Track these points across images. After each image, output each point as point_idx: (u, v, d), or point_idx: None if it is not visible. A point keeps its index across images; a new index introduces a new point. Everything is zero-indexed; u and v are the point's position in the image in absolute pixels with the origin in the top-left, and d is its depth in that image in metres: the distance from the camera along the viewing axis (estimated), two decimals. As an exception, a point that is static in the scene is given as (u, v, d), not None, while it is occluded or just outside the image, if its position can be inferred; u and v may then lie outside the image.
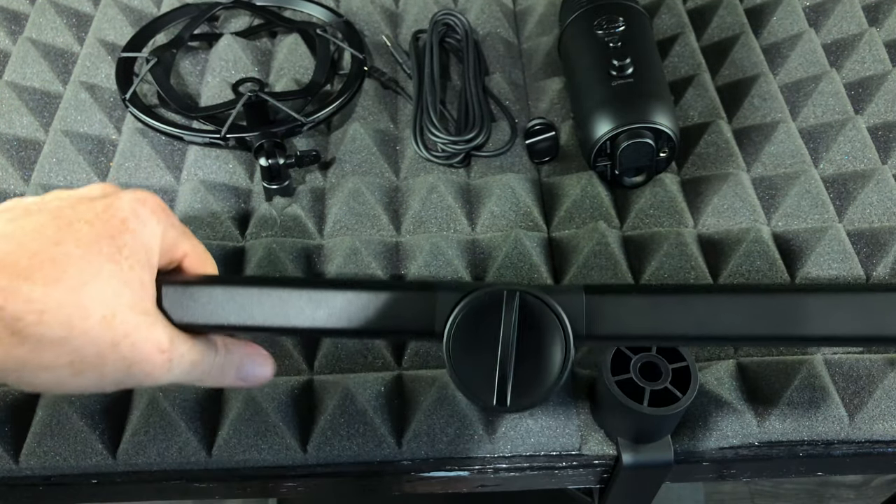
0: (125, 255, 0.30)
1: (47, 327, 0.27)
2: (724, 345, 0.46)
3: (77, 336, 0.28)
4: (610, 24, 0.54)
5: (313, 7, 0.65)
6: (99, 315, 0.28)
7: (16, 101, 0.56)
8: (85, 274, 0.28)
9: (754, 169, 0.55)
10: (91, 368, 0.29)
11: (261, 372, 0.35)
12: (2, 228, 0.29)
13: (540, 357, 0.31)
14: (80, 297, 0.28)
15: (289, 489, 0.44)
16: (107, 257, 0.29)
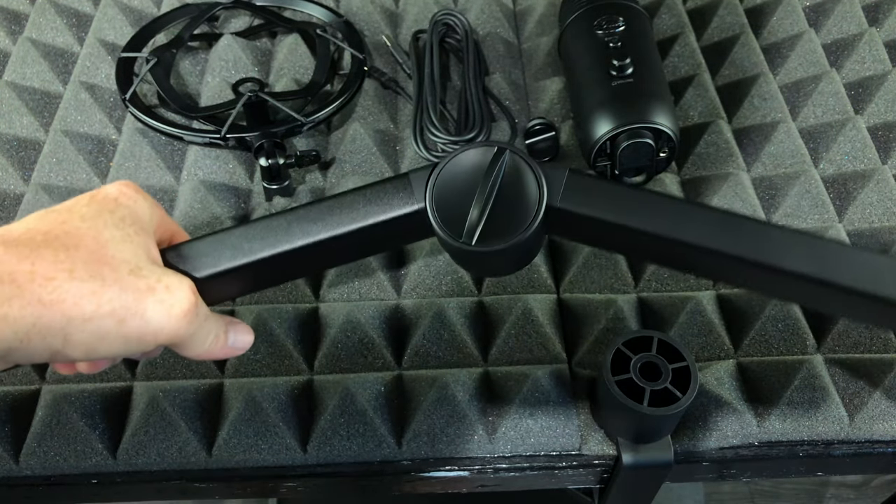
0: (128, 224, 0.32)
1: (80, 281, 0.28)
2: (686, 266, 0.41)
3: (111, 285, 0.29)
4: (610, 24, 0.54)
5: (313, 7, 0.65)
6: (126, 268, 0.30)
7: (16, 101, 0.56)
8: (100, 239, 0.30)
9: (754, 169, 0.55)
10: (133, 315, 0.29)
11: (245, 338, 0.37)
12: (8, 227, 0.31)
13: (513, 209, 0.33)
14: (103, 255, 0.30)
15: (289, 489, 0.44)
16: (113, 226, 0.31)
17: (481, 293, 0.49)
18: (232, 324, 0.36)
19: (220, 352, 0.35)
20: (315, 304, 0.49)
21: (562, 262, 0.51)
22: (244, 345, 0.37)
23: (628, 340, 0.40)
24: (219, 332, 0.34)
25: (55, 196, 0.51)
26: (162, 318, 0.30)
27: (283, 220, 0.35)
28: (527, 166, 0.33)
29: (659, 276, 0.49)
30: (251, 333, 0.37)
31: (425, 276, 0.49)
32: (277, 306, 0.47)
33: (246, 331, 0.37)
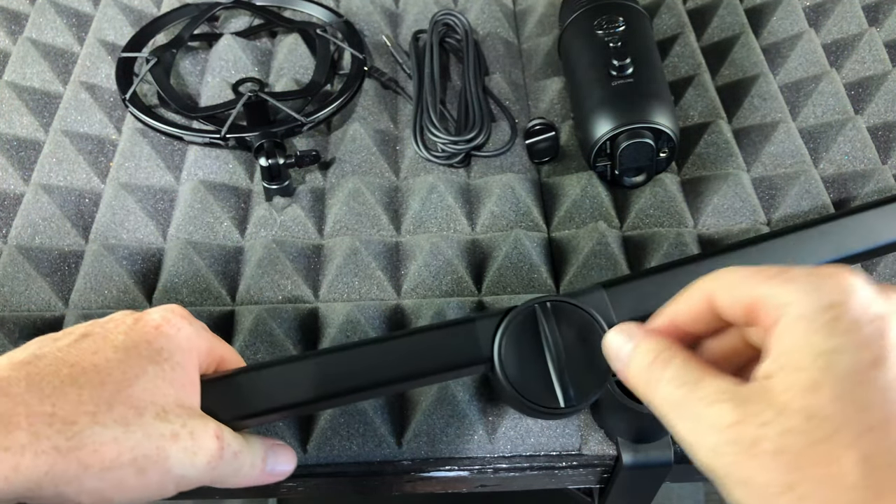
0: (165, 357, 0.30)
1: (102, 426, 0.27)
2: None
3: (134, 431, 0.28)
4: (610, 24, 0.54)
5: (313, 7, 0.65)
6: (152, 411, 0.28)
7: (16, 101, 0.56)
8: (129, 375, 0.29)
9: (754, 169, 0.55)
10: (154, 465, 0.28)
11: (286, 466, 0.36)
12: (34, 351, 0.29)
13: (585, 353, 0.33)
14: (129, 395, 0.28)
15: (289, 489, 0.44)
16: (147, 359, 0.30)
17: (481, 293, 0.49)
18: (273, 449, 0.35)
19: (258, 480, 0.34)
20: (315, 304, 0.49)
21: (562, 262, 0.51)
22: (284, 472, 0.35)
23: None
24: (255, 462, 0.33)
25: (55, 196, 0.51)
26: (185, 468, 0.29)
27: (336, 363, 0.34)
28: (574, 308, 0.34)
29: (659, 276, 0.49)
30: (293, 459, 0.36)
31: (425, 276, 0.49)
32: (277, 306, 0.47)
33: (287, 458, 0.35)
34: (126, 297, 0.48)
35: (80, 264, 0.49)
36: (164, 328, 0.32)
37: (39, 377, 0.27)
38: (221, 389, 0.33)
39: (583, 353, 0.33)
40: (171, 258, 0.49)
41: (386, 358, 0.34)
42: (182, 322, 0.32)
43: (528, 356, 0.33)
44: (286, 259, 0.49)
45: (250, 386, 0.34)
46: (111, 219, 0.51)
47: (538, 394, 0.33)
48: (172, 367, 0.30)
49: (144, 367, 0.29)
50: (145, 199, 0.53)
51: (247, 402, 0.33)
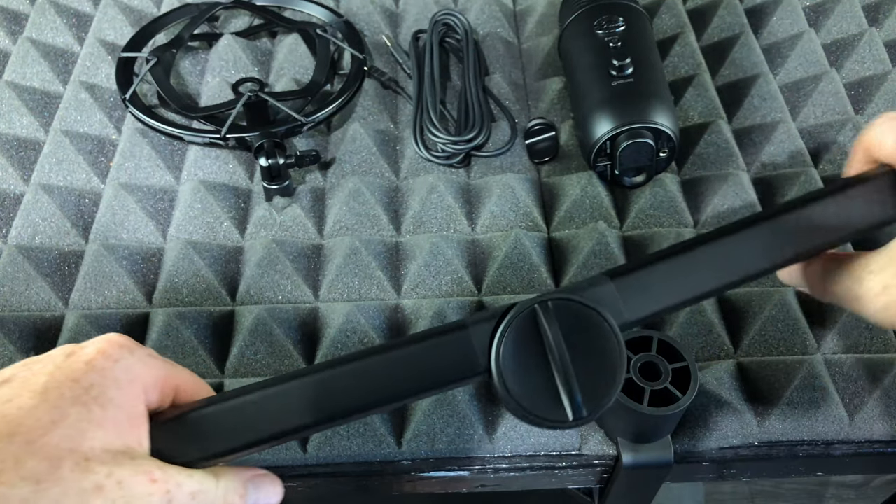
0: (93, 395, 0.27)
1: (9, 487, 0.24)
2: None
3: (47, 489, 0.24)
4: (610, 24, 0.54)
5: (313, 7, 0.65)
6: (70, 462, 0.25)
7: (16, 101, 0.56)
8: (43, 421, 0.25)
9: (754, 169, 0.55)
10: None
11: (271, 499, 0.32)
12: None
13: (594, 357, 0.30)
14: (43, 445, 0.25)
15: (289, 489, 0.44)
16: (70, 401, 0.26)
17: (481, 293, 0.49)
18: (253, 481, 0.31)
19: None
20: (315, 304, 0.49)
21: (562, 262, 0.51)
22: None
23: (628, 340, 0.40)
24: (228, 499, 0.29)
25: (55, 196, 0.51)
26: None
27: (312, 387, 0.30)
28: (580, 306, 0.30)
29: (659, 276, 0.49)
30: (278, 490, 0.32)
31: (425, 276, 0.49)
32: (277, 306, 0.48)
33: (272, 490, 0.32)
34: (126, 297, 0.48)
35: (80, 264, 0.49)
36: (97, 362, 0.28)
37: None
38: (175, 427, 0.29)
39: (592, 357, 0.29)
40: (171, 258, 0.49)
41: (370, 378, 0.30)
42: (120, 352, 0.29)
43: (531, 363, 0.29)
44: (286, 259, 0.49)
45: (211, 421, 0.29)
46: (111, 219, 0.51)
47: (544, 406, 0.29)
48: (103, 407, 0.27)
49: (65, 411, 0.26)
50: (145, 199, 0.53)
51: (207, 441, 0.29)
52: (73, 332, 0.45)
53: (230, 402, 0.30)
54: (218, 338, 0.47)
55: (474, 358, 0.30)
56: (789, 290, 0.48)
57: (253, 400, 0.30)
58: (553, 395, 0.29)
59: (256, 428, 0.29)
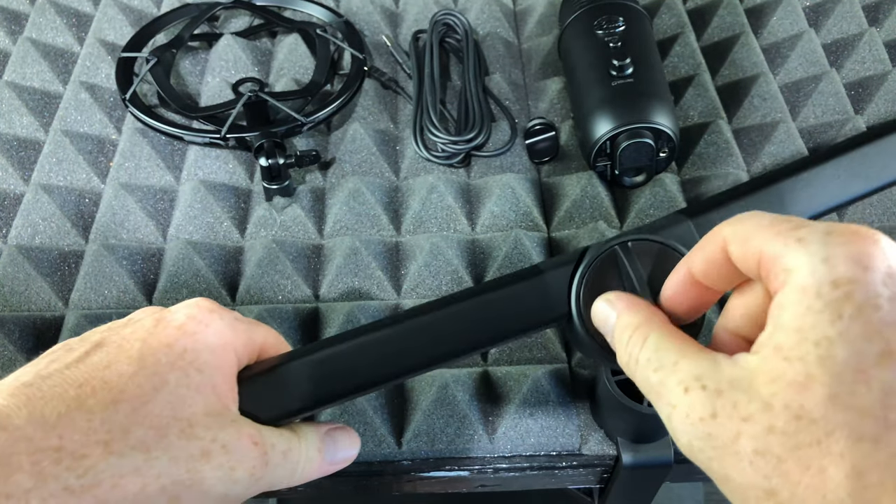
0: (189, 360, 0.27)
1: (119, 456, 0.24)
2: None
3: (158, 457, 0.24)
4: (610, 24, 0.54)
5: (313, 7, 0.65)
6: (176, 429, 0.25)
7: (16, 101, 0.56)
8: (146, 389, 0.25)
9: (754, 169, 0.55)
10: (187, 490, 0.25)
11: (349, 452, 0.33)
12: (39, 370, 0.26)
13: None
14: (147, 413, 0.25)
15: (289, 489, 0.44)
16: (168, 366, 0.26)
17: (481, 293, 0.49)
18: (329, 435, 0.31)
19: (319, 472, 0.31)
20: (315, 304, 0.49)
21: (562, 262, 0.51)
22: (348, 458, 0.32)
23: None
24: (310, 455, 0.30)
25: (55, 196, 0.51)
26: (225, 486, 0.26)
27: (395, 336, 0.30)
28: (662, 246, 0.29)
29: (659, 276, 0.49)
30: (355, 441, 0.33)
31: (425, 276, 0.49)
32: (277, 306, 0.48)
33: (348, 442, 0.32)
34: (126, 297, 0.48)
35: (80, 264, 0.49)
36: (189, 326, 0.28)
37: (43, 403, 0.24)
38: (260, 386, 0.29)
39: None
40: (171, 258, 0.49)
41: (452, 326, 0.30)
42: (210, 317, 0.29)
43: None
44: (286, 259, 0.49)
45: (294, 377, 0.29)
46: (111, 219, 0.51)
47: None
48: (199, 370, 0.27)
49: (164, 377, 0.26)
50: (145, 199, 0.53)
51: (292, 397, 0.29)
52: (73, 332, 0.45)
53: (313, 356, 0.30)
54: (218, 338, 0.47)
55: (553, 302, 0.30)
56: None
57: (335, 353, 0.30)
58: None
59: (341, 381, 0.29)
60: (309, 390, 0.30)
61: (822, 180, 0.30)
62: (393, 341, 0.30)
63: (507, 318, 0.30)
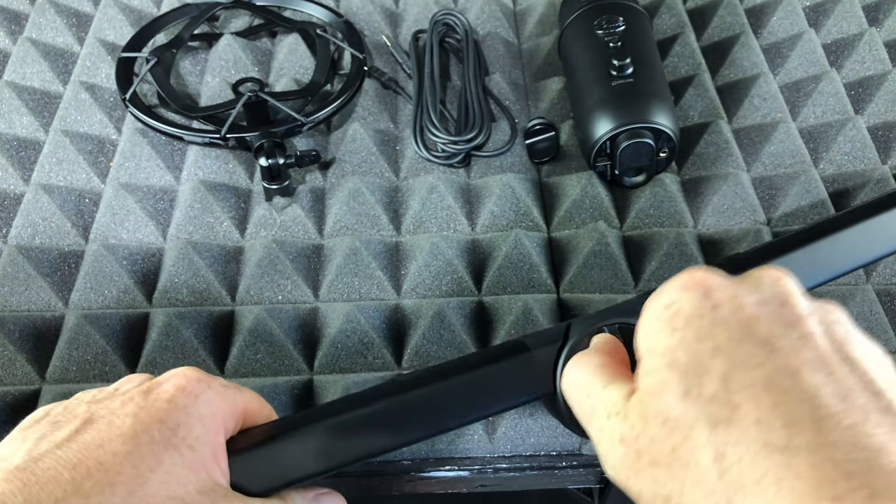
0: (181, 437, 0.27)
1: None
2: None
3: None
4: (610, 24, 0.54)
5: (313, 7, 0.65)
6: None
7: (16, 101, 0.56)
8: (142, 469, 0.25)
9: (754, 169, 0.55)
10: None
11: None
12: (30, 450, 0.25)
13: None
14: (142, 497, 0.25)
15: (289, 489, 0.44)
16: (162, 445, 0.26)
17: (481, 293, 0.49)
18: (318, 500, 0.32)
19: None
20: (315, 304, 0.49)
21: (562, 262, 0.51)
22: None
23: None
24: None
25: (55, 196, 0.51)
26: None
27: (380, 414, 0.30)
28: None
29: (659, 276, 0.49)
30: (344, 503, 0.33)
31: (425, 276, 0.49)
32: (277, 306, 0.48)
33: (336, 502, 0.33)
34: (126, 297, 0.48)
35: (80, 264, 0.49)
36: (179, 399, 0.27)
37: (38, 488, 0.23)
38: (249, 460, 0.29)
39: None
40: (171, 258, 0.49)
41: (439, 403, 0.31)
42: (199, 387, 0.28)
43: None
44: (286, 259, 0.49)
45: (283, 452, 0.30)
46: (111, 219, 0.51)
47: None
48: (191, 448, 0.27)
49: (159, 457, 0.26)
50: (145, 199, 0.53)
51: (280, 471, 0.30)
52: (73, 332, 0.45)
53: (301, 431, 0.30)
54: (218, 338, 0.47)
55: (539, 379, 0.31)
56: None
57: (323, 427, 0.30)
58: None
59: (328, 456, 0.30)
60: (297, 464, 0.30)
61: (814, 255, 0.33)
62: (380, 416, 0.31)
63: (497, 395, 0.31)
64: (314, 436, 0.30)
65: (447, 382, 0.31)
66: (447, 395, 0.31)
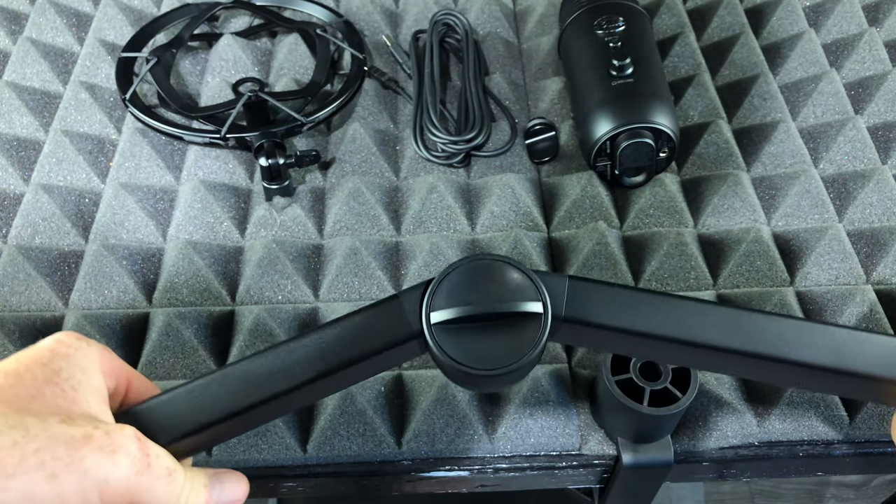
0: (64, 378, 0.28)
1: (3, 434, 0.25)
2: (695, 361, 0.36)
3: (37, 435, 0.25)
4: (610, 24, 0.54)
5: (313, 7, 0.65)
6: (56, 418, 0.26)
7: (16, 101, 0.56)
8: (22, 397, 0.26)
9: (754, 169, 0.55)
10: (66, 468, 0.25)
11: (236, 491, 0.32)
12: None
13: (517, 326, 0.31)
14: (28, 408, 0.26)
15: (289, 489, 0.44)
16: (43, 381, 0.27)
17: (481, 293, 0.49)
18: (218, 476, 0.32)
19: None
20: (315, 304, 0.49)
21: (562, 262, 0.51)
22: (235, 498, 0.32)
23: None
24: (196, 487, 0.30)
25: (55, 196, 0.51)
26: (105, 470, 0.25)
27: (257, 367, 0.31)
28: (526, 278, 0.31)
29: (659, 276, 0.49)
30: (244, 483, 0.33)
31: (425, 276, 0.49)
32: (277, 306, 0.47)
33: (236, 484, 0.32)
34: (126, 297, 0.48)
35: (80, 264, 0.49)
36: (60, 349, 0.29)
37: None
38: (137, 417, 0.30)
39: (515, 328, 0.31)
40: (171, 258, 0.49)
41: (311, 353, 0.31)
42: (80, 342, 0.30)
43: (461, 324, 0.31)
44: (286, 259, 0.49)
45: (167, 410, 0.30)
46: (111, 219, 0.51)
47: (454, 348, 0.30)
48: (74, 389, 0.27)
49: (41, 390, 0.26)
50: (145, 199, 0.53)
51: (164, 428, 0.30)
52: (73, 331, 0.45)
53: (183, 388, 0.31)
54: (218, 338, 0.47)
55: (407, 323, 0.31)
56: (789, 290, 0.48)
57: (202, 384, 0.31)
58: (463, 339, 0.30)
59: (209, 410, 0.30)
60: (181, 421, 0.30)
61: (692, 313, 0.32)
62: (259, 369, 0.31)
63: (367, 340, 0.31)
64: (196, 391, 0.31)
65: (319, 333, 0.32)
66: (318, 344, 0.32)
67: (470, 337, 0.31)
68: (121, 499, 0.26)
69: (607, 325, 0.32)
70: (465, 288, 0.31)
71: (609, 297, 0.32)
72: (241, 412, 0.31)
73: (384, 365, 0.33)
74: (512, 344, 0.31)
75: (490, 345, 0.31)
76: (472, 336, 0.31)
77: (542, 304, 0.31)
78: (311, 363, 0.31)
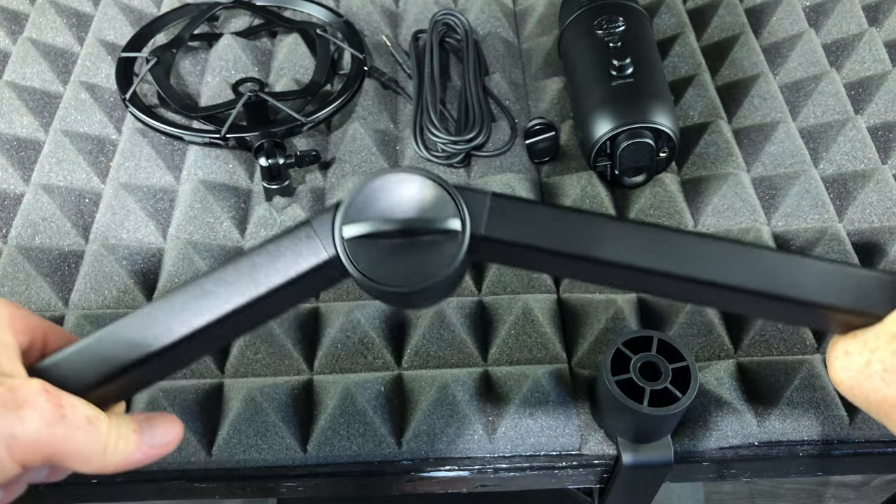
0: None
1: None
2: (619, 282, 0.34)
3: None
4: (610, 24, 0.54)
5: (313, 7, 0.65)
6: None
7: (16, 101, 0.56)
8: None
9: (754, 169, 0.55)
10: None
11: (169, 433, 0.31)
12: None
13: (435, 242, 0.30)
14: None
15: (289, 489, 0.44)
16: None
17: (481, 293, 0.49)
18: (148, 420, 0.30)
19: (137, 456, 0.29)
20: (315, 303, 0.49)
21: (562, 262, 0.51)
22: (168, 440, 0.30)
23: (628, 340, 0.40)
24: (123, 433, 0.28)
25: (55, 196, 0.51)
26: (9, 424, 0.24)
27: (170, 305, 0.30)
28: (445, 193, 0.30)
29: (659, 276, 0.49)
30: (178, 424, 0.31)
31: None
32: (277, 306, 0.47)
33: (168, 426, 0.31)
34: (126, 297, 0.48)
35: (80, 264, 0.49)
36: None
37: None
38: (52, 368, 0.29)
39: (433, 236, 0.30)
40: (171, 258, 0.49)
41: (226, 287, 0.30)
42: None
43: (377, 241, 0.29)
44: (286, 259, 0.49)
45: (82, 357, 0.29)
46: (111, 219, 0.51)
47: (370, 266, 0.29)
48: None
49: None
50: (145, 199, 0.53)
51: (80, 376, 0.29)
52: (73, 332, 0.45)
53: (97, 333, 0.30)
54: (218, 338, 0.47)
55: (318, 243, 0.30)
56: (789, 290, 0.48)
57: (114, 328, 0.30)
58: (380, 256, 0.29)
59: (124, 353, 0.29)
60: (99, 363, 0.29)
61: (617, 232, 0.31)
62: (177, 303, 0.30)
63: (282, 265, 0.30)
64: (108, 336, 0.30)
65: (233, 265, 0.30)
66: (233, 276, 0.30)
67: (386, 253, 0.29)
68: (37, 453, 0.25)
69: (526, 243, 0.31)
70: (380, 203, 0.30)
71: (531, 215, 0.31)
72: (158, 353, 0.29)
73: (303, 292, 0.32)
74: (430, 261, 0.29)
75: (407, 262, 0.29)
76: (389, 253, 0.29)
77: (460, 221, 0.30)
78: (227, 297, 0.30)
